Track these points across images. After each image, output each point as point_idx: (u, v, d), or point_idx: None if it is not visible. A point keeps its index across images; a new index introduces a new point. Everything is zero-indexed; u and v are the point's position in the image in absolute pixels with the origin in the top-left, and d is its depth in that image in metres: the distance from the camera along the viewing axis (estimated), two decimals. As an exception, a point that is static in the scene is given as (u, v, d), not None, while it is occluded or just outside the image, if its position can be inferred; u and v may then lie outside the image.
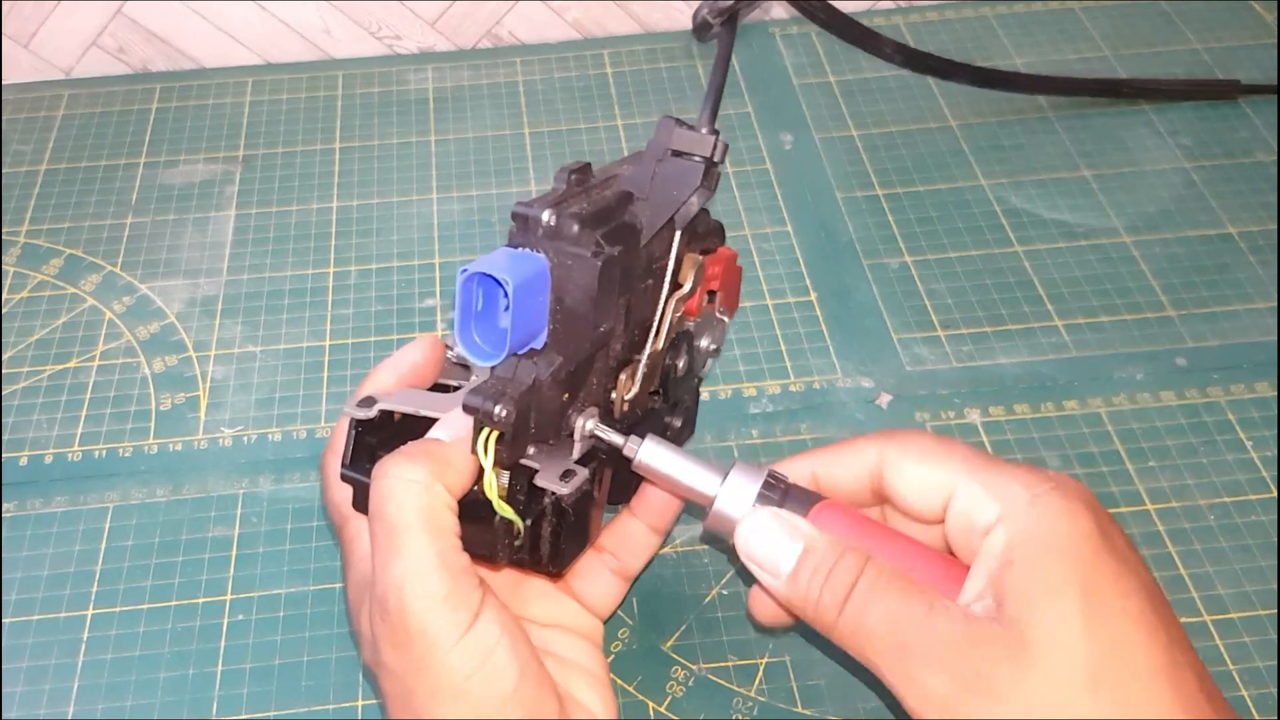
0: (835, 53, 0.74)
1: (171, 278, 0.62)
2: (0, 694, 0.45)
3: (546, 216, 0.34)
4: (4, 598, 0.48)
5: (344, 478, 0.38)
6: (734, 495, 0.37)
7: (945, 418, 0.54)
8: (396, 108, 0.71)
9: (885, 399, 0.55)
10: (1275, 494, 0.50)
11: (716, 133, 0.38)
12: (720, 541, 0.38)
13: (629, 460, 0.38)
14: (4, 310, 0.60)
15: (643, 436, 0.38)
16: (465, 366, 0.41)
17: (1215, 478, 0.51)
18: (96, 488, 0.52)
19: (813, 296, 0.59)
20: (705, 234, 0.41)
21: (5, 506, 0.52)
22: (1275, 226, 0.62)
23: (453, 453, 0.35)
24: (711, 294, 0.43)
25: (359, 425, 0.38)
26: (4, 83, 0.74)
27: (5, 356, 0.58)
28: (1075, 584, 0.32)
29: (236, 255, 0.63)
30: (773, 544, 0.36)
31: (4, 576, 0.49)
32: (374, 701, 0.45)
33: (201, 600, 0.48)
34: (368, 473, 0.37)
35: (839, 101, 0.70)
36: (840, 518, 0.36)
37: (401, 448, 0.35)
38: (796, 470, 0.39)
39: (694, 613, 0.47)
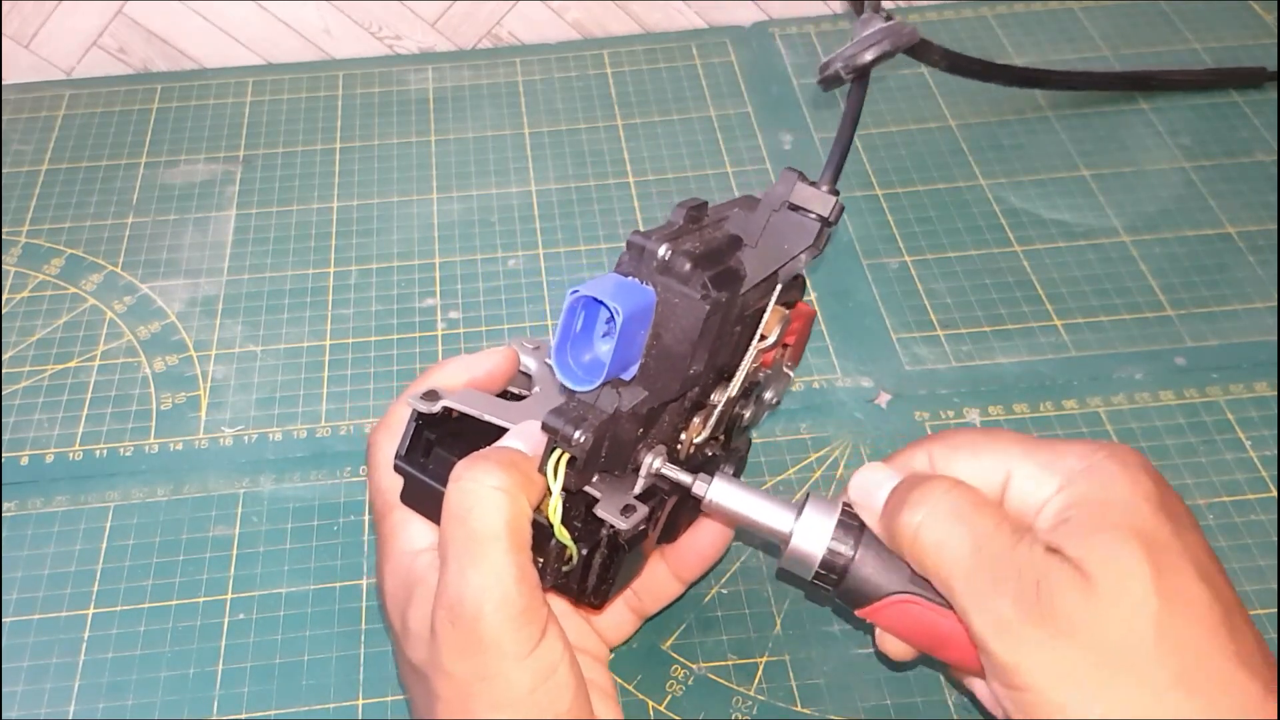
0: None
1: (172, 277, 0.62)
2: (1, 693, 0.45)
3: (663, 251, 0.34)
4: (5, 597, 0.48)
5: (398, 469, 0.38)
6: (810, 532, 0.36)
7: (944, 417, 0.54)
8: (396, 108, 0.71)
9: (885, 398, 0.55)
10: (1274, 494, 0.50)
11: (837, 193, 0.37)
12: (796, 578, 0.38)
13: (689, 500, 0.38)
14: (5, 310, 0.60)
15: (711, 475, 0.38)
16: (527, 375, 0.41)
17: (1214, 477, 0.51)
18: (97, 487, 0.52)
19: (812, 296, 0.60)
20: (788, 287, 0.40)
21: (6, 506, 0.52)
22: (1275, 226, 0.62)
23: (532, 467, 0.35)
24: (784, 347, 0.42)
25: (420, 418, 0.38)
26: (5, 83, 0.74)
27: (6, 356, 0.58)
28: (1136, 536, 0.32)
29: (237, 255, 0.63)
30: (870, 487, 0.37)
31: (5, 576, 0.49)
32: (375, 700, 0.45)
33: (202, 599, 0.48)
34: (422, 467, 0.37)
35: (839, 101, 0.70)
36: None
37: (484, 452, 0.35)
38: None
39: (694, 612, 0.47)
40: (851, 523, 0.37)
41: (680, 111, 0.70)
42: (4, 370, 0.57)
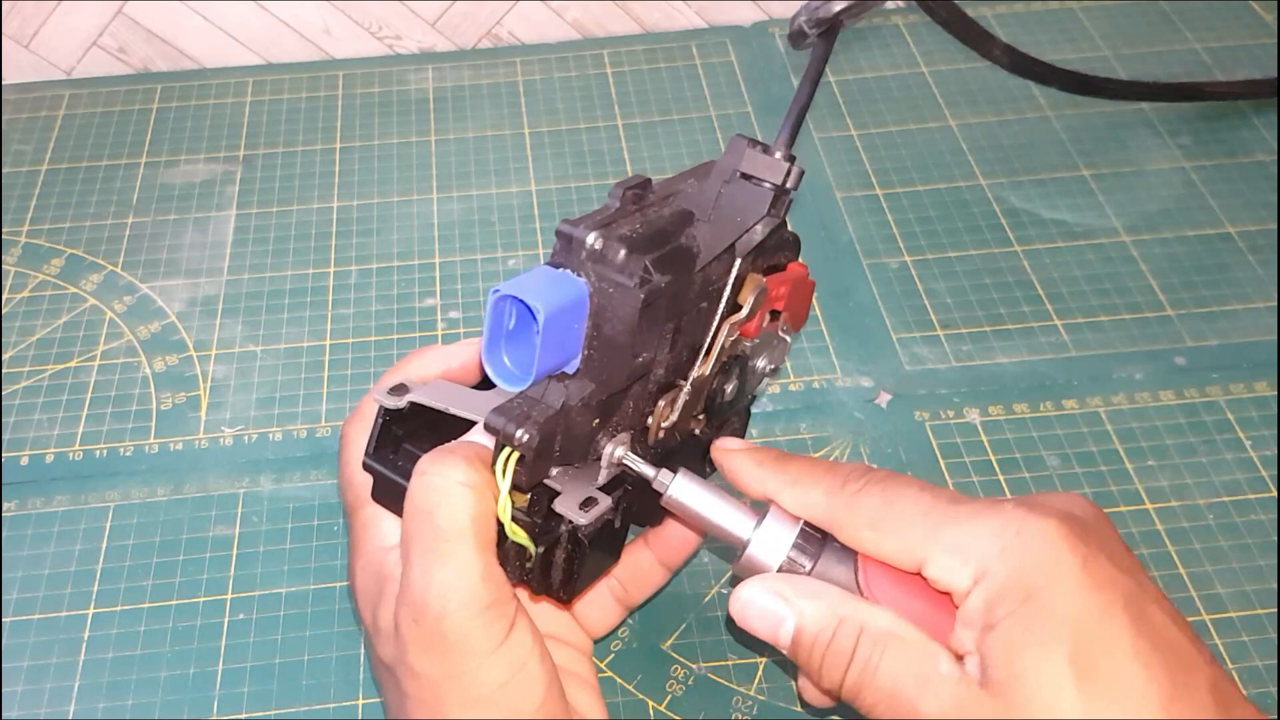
0: (834, 52, 0.74)
1: (172, 277, 0.62)
2: (1, 693, 0.45)
3: (591, 239, 0.32)
4: (5, 597, 0.48)
5: (366, 467, 0.37)
6: (768, 544, 0.35)
7: (945, 417, 0.54)
8: (396, 108, 0.71)
9: (885, 398, 0.55)
10: (1274, 493, 0.50)
11: (793, 158, 0.35)
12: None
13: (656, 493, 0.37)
14: (5, 310, 0.60)
15: (675, 468, 0.36)
16: None
17: (1214, 477, 0.51)
18: (97, 487, 0.52)
19: (812, 299, 0.59)
20: (776, 248, 0.38)
21: (6, 506, 0.52)
22: (1275, 226, 0.62)
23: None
24: (775, 313, 0.40)
25: (387, 414, 0.37)
26: (5, 83, 0.74)
27: (6, 356, 0.58)
28: (1058, 640, 0.30)
29: (237, 255, 0.63)
30: (767, 616, 0.35)
31: (5, 575, 0.49)
32: (376, 700, 0.45)
33: (202, 599, 0.48)
34: (391, 464, 0.36)
35: (839, 101, 0.71)
36: (882, 575, 0.35)
37: (448, 446, 0.34)
38: None
39: (694, 612, 0.47)
40: (814, 534, 0.35)
41: (680, 111, 0.70)
42: (4, 370, 0.57)
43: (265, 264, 0.62)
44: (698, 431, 0.40)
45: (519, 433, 0.32)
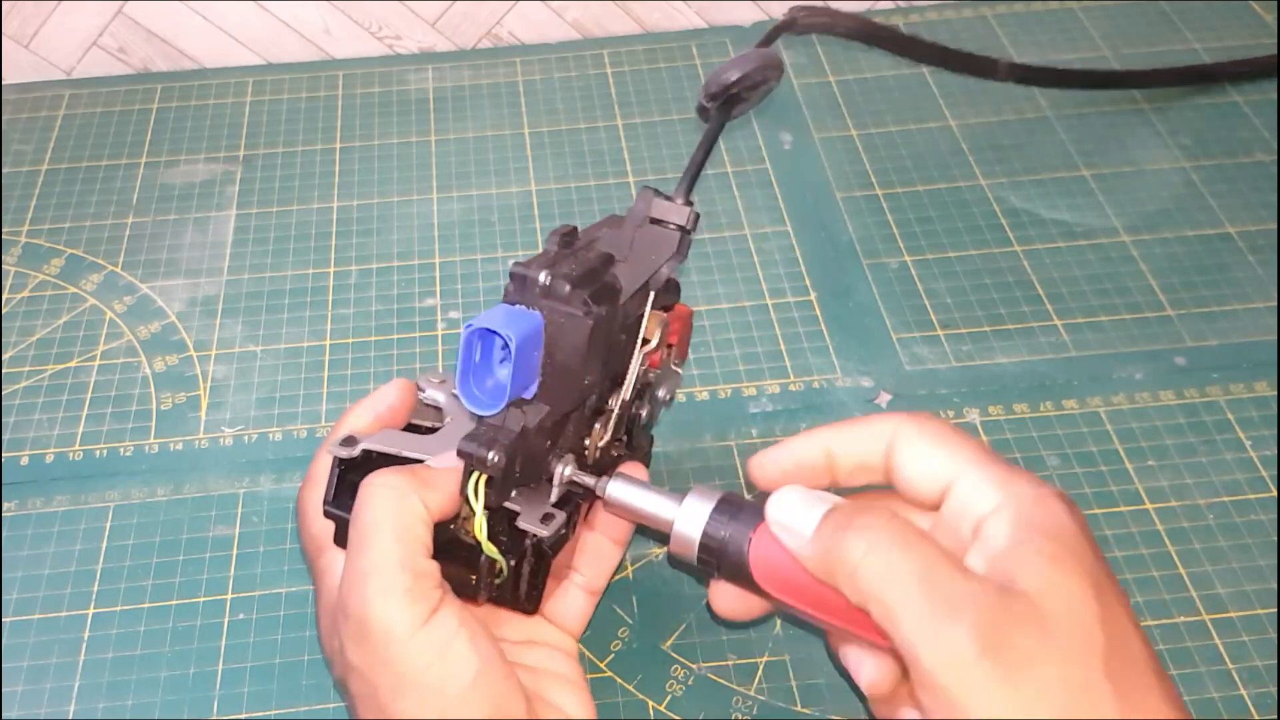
0: (835, 53, 0.74)
1: (172, 277, 0.62)
2: (1, 693, 0.45)
3: (543, 277, 0.36)
4: (5, 597, 0.48)
5: (327, 514, 0.40)
6: (690, 518, 0.39)
7: (945, 417, 0.54)
8: (396, 108, 0.71)
9: (885, 398, 0.55)
10: (1274, 493, 0.50)
11: (691, 204, 0.41)
12: (682, 564, 0.40)
13: (599, 498, 0.41)
14: (5, 310, 0.60)
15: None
16: (437, 408, 0.43)
17: (1214, 477, 0.51)
18: (97, 487, 0.52)
19: (812, 296, 0.60)
20: (663, 292, 0.43)
21: (6, 506, 0.52)
22: (1275, 226, 0.62)
23: (435, 476, 0.37)
24: (669, 347, 0.45)
25: (342, 464, 0.40)
26: (4, 83, 0.74)
27: (6, 356, 0.58)
28: (1085, 574, 0.32)
29: (237, 255, 0.63)
30: (798, 511, 0.36)
31: (5, 575, 0.49)
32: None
33: (202, 599, 0.48)
34: (349, 509, 0.39)
35: (838, 101, 0.71)
36: (772, 545, 0.37)
37: (390, 468, 0.37)
38: (808, 444, 0.38)
39: (694, 612, 0.47)
40: (723, 514, 0.38)
41: (680, 111, 0.70)
42: (4, 370, 0.57)
43: (265, 264, 0.62)
44: (616, 454, 0.44)
45: (490, 455, 0.36)
